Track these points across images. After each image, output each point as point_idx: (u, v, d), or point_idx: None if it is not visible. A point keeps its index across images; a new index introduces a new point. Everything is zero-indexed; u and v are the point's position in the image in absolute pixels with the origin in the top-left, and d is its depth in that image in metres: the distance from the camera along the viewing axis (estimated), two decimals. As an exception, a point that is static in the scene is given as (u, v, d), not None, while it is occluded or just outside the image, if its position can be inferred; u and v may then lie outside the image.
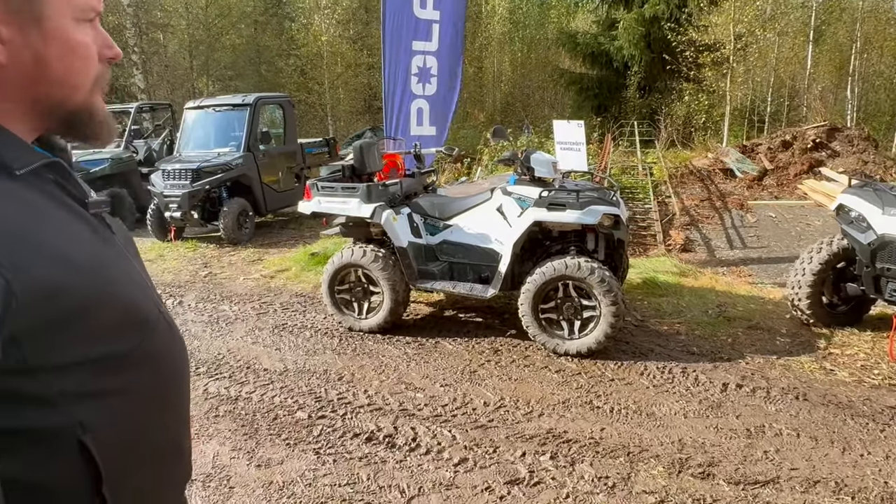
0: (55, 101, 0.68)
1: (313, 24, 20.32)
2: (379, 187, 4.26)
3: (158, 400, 0.77)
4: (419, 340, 4.21)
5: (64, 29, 0.66)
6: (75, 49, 0.68)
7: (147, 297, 0.76)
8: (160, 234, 7.97)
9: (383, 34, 5.87)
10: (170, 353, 0.80)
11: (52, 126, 0.72)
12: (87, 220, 0.71)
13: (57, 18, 0.65)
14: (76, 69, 0.68)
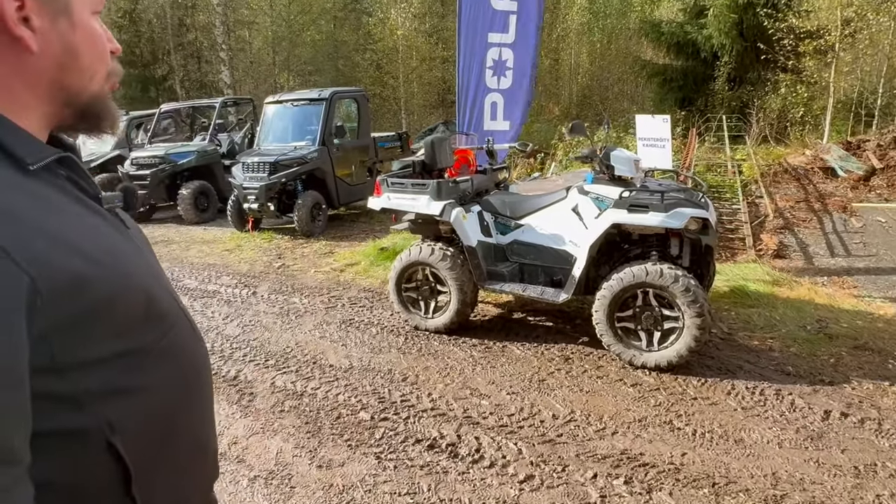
0: (76, 90, 0.70)
1: (390, 18, 20.52)
2: (449, 184, 4.14)
3: (182, 397, 0.77)
4: (486, 343, 4.07)
5: (87, 20, 0.69)
6: (97, 38, 0.71)
7: (166, 291, 0.77)
8: (239, 224, 8.27)
9: (459, 26, 5.74)
10: (190, 349, 0.80)
11: (67, 117, 0.72)
12: (103, 214, 0.72)
13: (81, 10, 0.69)
14: (98, 57, 0.71)
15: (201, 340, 0.86)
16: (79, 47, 0.68)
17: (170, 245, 7.86)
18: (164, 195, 9.43)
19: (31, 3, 0.63)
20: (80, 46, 0.68)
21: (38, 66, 0.66)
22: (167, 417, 0.73)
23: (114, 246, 0.69)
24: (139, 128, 11.33)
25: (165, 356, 0.73)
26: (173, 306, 0.78)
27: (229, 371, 3.79)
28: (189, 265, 6.67)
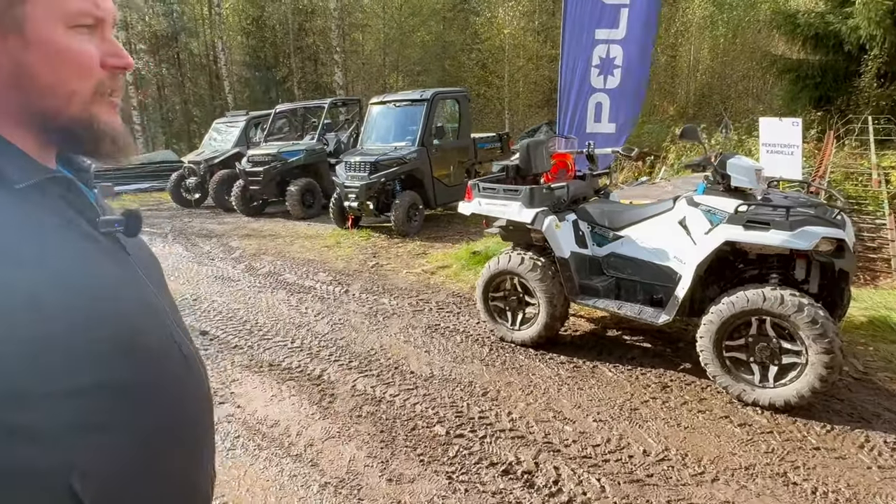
0: (49, 112, 0.65)
1: (497, 16, 20.37)
2: (543, 190, 3.93)
3: (164, 437, 0.70)
4: (575, 362, 3.81)
5: (49, 35, 0.63)
6: (64, 56, 0.64)
7: (157, 324, 0.72)
8: (340, 221, 8.54)
9: (564, 23, 5.48)
10: (181, 386, 0.74)
11: (52, 139, 0.68)
12: (95, 239, 0.68)
13: (41, 25, 0.62)
14: (66, 77, 0.65)
15: (198, 378, 0.79)
16: (35, 67, 0.63)
17: (276, 239, 8.28)
18: (275, 191, 9.96)
19: None
20: (37, 66, 0.63)
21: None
22: (143, 457, 0.66)
23: (96, 272, 0.65)
24: (257, 127, 12.09)
25: (145, 393, 0.66)
26: (163, 340, 0.71)
27: (314, 369, 3.85)
28: (291, 259, 6.97)
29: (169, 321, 0.74)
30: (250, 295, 5.59)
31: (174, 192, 11.81)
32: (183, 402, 0.74)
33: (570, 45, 5.45)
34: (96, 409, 0.60)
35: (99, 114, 0.69)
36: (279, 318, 4.88)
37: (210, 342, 4.41)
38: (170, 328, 0.74)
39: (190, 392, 0.76)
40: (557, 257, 3.82)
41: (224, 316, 4.99)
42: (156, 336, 0.70)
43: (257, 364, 3.99)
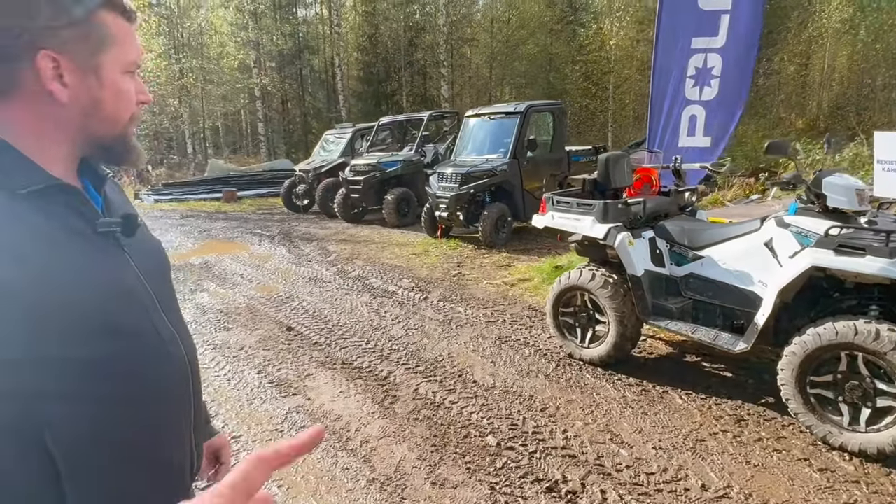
0: (100, 133, 0.85)
1: (604, 28, 19.90)
2: (618, 206, 3.82)
3: (131, 410, 0.80)
4: (644, 385, 3.65)
5: (115, 79, 0.84)
6: (122, 94, 0.85)
7: (134, 312, 0.83)
8: (431, 230, 8.78)
9: (657, 32, 5.28)
10: (152, 365, 0.84)
11: (93, 153, 0.87)
12: (88, 237, 0.80)
13: (111, 71, 0.83)
14: (121, 109, 0.85)
15: (175, 358, 0.89)
16: (104, 101, 0.82)
17: (369, 245, 8.68)
18: (374, 199, 10.44)
19: (66, 63, 0.78)
20: (106, 100, 0.83)
21: (67, 113, 0.81)
22: (109, 427, 0.77)
23: (76, 264, 0.76)
24: (363, 138, 12.75)
25: (111, 369, 0.77)
26: (139, 324, 0.83)
27: (382, 371, 4.01)
28: (380, 265, 7.28)
29: (149, 307, 0.86)
30: (337, 296, 5.92)
31: (286, 198, 12.76)
32: (155, 380, 0.85)
33: (663, 55, 5.24)
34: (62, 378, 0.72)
35: (129, 134, 0.88)
36: (359, 320, 5.13)
37: (294, 337, 4.74)
38: (148, 313, 0.86)
39: (163, 371, 0.87)
40: (629, 275, 3.69)
41: (310, 314, 5.33)
42: (129, 319, 0.81)
43: (332, 361, 4.23)
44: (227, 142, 31.82)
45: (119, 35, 0.83)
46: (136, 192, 16.02)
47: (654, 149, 5.14)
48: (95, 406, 0.75)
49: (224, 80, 25.55)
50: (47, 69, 0.76)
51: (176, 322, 0.92)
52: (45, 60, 0.76)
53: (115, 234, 0.84)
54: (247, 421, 3.38)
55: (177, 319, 0.94)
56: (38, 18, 0.76)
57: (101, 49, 0.81)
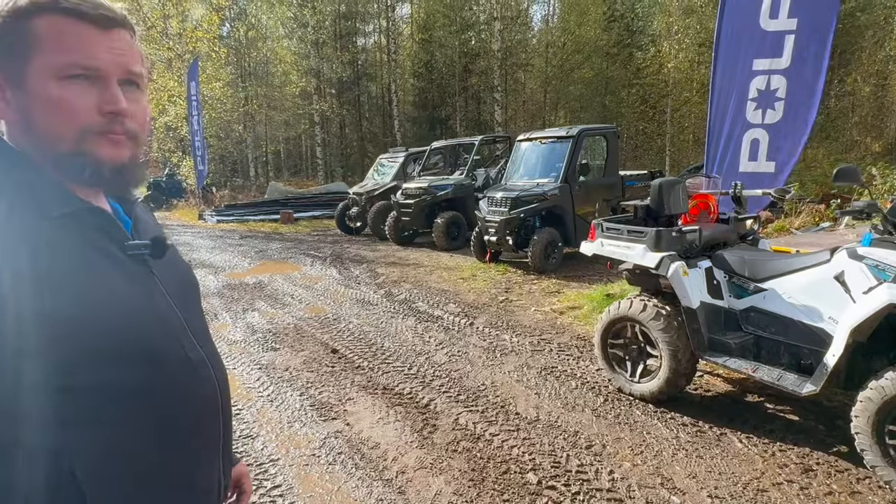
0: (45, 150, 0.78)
1: (663, 50, 19.51)
2: (672, 233, 3.63)
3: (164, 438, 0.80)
4: (699, 425, 3.41)
5: (44, 87, 0.75)
6: (54, 104, 0.75)
7: (165, 337, 0.82)
8: (479, 254, 8.71)
9: (716, 54, 5.08)
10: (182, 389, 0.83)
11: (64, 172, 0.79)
12: (119, 260, 0.80)
13: (37, 79, 0.75)
14: (56, 122, 0.76)
15: (205, 382, 0.88)
16: (34, 114, 0.76)
17: (418, 268, 8.68)
18: (424, 222, 10.49)
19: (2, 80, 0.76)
20: (34, 113, 0.75)
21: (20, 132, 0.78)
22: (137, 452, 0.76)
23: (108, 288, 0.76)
24: (415, 162, 12.91)
25: (149, 396, 0.77)
26: (172, 351, 0.82)
27: (423, 398, 3.94)
28: (427, 289, 7.25)
29: (179, 331, 0.85)
30: (383, 319, 5.91)
31: (339, 220, 13.03)
32: (185, 406, 0.83)
33: (722, 78, 5.02)
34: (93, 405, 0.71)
35: (93, 150, 0.78)
36: (403, 344, 5.09)
37: (338, 360, 4.74)
38: (179, 337, 0.85)
39: (193, 396, 0.85)
40: (684, 307, 3.49)
41: (356, 337, 5.34)
42: (160, 345, 0.80)
43: (373, 386, 4.19)
44: (288, 165, 33.05)
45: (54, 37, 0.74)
46: (200, 213, 16.80)
47: (712, 174, 4.91)
48: (124, 432, 0.74)
49: (286, 107, 26.67)
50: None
51: (206, 345, 0.92)
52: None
53: (144, 256, 0.84)
54: (286, 444, 3.37)
55: (206, 343, 0.93)
56: None
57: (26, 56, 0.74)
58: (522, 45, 23.90)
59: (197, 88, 17.63)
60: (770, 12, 4.80)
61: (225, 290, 7.46)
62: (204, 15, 19.84)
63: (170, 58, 19.86)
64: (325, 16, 25.60)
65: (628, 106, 21.34)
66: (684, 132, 19.48)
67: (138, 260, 0.83)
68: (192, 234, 13.44)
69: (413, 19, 29.99)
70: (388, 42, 27.30)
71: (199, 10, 19.92)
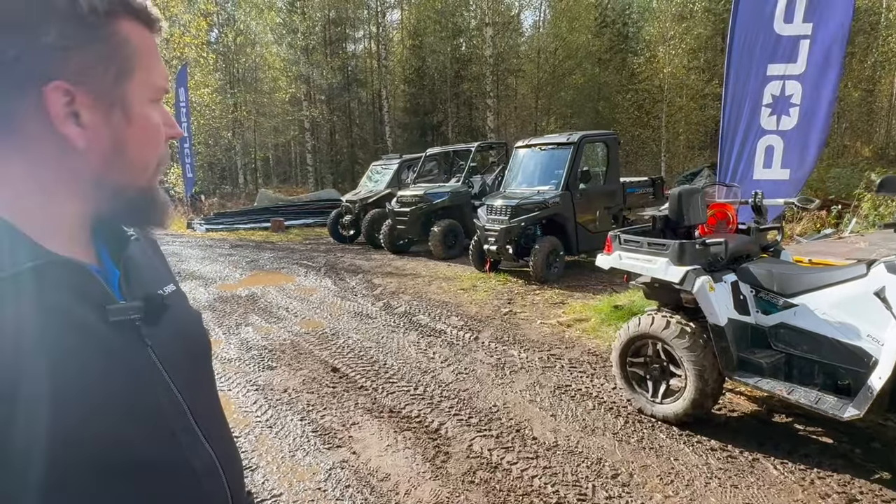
0: (123, 184, 0.63)
1: (657, 56, 19.51)
2: (696, 246, 3.44)
3: None
4: (730, 450, 3.21)
5: (143, 112, 0.63)
6: (152, 130, 0.65)
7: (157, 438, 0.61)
8: (478, 264, 8.50)
9: (729, 59, 4.92)
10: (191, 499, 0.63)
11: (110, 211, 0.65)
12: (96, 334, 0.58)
13: (139, 101, 0.62)
14: (149, 151, 0.65)
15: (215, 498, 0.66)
16: (130, 143, 0.62)
17: (416, 278, 8.46)
18: (420, 231, 10.26)
19: (83, 97, 0.58)
20: (132, 141, 0.63)
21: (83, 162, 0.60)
22: None
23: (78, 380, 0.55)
24: (409, 169, 12.69)
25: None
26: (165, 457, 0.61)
27: (433, 422, 3.71)
28: (426, 300, 7.03)
29: (178, 427, 0.63)
30: (383, 334, 5.67)
31: (332, 228, 12.76)
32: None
33: (735, 83, 4.87)
34: None
35: (156, 184, 0.68)
36: (406, 361, 4.86)
37: (339, 380, 4.50)
38: (176, 435, 0.63)
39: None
40: (711, 324, 3.30)
41: (356, 354, 5.10)
42: (150, 451, 0.60)
43: (379, 408, 3.95)
44: (277, 172, 32.70)
45: (145, 53, 0.63)
46: (188, 222, 16.45)
47: (727, 182, 4.75)
48: None
49: (275, 113, 26.37)
50: (58, 106, 0.56)
51: (217, 441, 0.68)
52: (56, 94, 0.56)
53: (133, 322, 0.63)
54: (288, 476, 3.12)
55: (218, 435, 0.70)
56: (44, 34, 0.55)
57: (126, 73, 0.61)
58: (514, 51, 23.83)
59: (186, 94, 17.31)
60: (784, 16, 4.66)
61: (217, 303, 7.18)
62: (192, 20, 19.53)
63: (157, 63, 19.48)
64: (314, 21, 25.39)
65: (623, 111, 21.29)
66: (678, 138, 19.46)
67: (125, 328, 0.62)
68: (180, 244, 13.10)
69: (403, 25, 29.86)
70: (379, 48, 27.14)
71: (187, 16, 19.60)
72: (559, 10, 24.28)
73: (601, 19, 24.14)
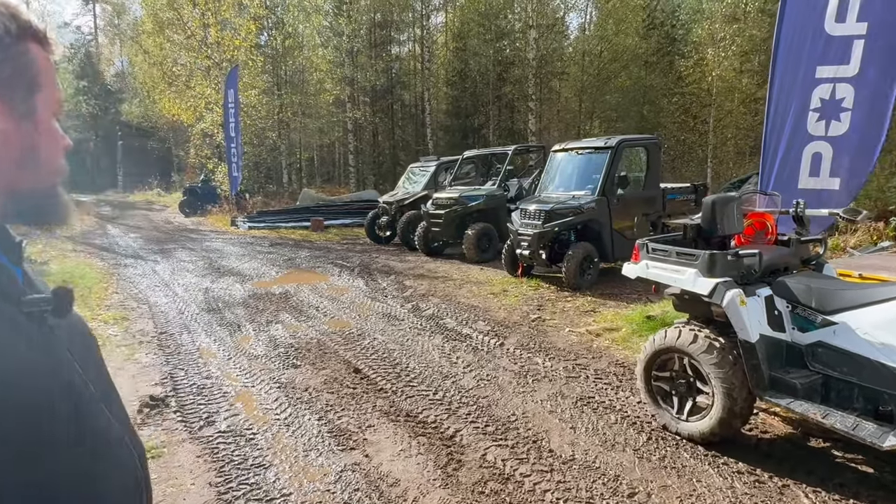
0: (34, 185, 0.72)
1: (706, 58, 18.88)
2: (727, 257, 3.27)
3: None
4: (757, 474, 3.03)
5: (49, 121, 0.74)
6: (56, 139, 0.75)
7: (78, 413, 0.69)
8: (511, 268, 8.39)
9: (774, 60, 4.68)
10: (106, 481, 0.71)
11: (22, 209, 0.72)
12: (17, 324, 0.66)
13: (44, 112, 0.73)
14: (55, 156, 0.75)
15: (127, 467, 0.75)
16: (39, 147, 0.72)
17: (447, 281, 8.42)
18: (454, 233, 10.23)
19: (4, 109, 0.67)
20: (41, 146, 0.72)
21: None
22: None
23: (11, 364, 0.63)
24: (446, 171, 12.68)
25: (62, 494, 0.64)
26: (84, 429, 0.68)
27: (448, 428, 3.65)
28: (455, 304, 6.98)
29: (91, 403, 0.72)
30: (409, 337, 5.66)
31: (368, 229, 12.88)
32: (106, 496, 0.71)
33: (780, 86, 4.62)
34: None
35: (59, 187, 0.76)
36: (429, 365, 4.82)
37: (360, 381, 4.50)
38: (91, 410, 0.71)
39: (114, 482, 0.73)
40: (741, 340, 3.12)
41: (379, 356, 5.09)
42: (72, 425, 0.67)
43: (396, 412, 3.93)
44: (321, 172, 33.32)
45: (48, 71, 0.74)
46: (232, 219, 16.92)
47: (767, 190, 4.51)
48: None
49: (320, 114, 26.86)
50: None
51: (119, 416, 0.77)
52: None
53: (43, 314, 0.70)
54: (299, 476, 3.13)
55: (119, 413, 0.79)
56: None
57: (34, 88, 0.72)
58: (557, 54, 23.52)
59: (236, 96, 17.82)
60: (837, 15, 4.39)
61: (250, 299, 7.34)
62: (242, 24, 20.11)
63: (208, 66, 20.17)
64: (360, 25, 25.75)
65: (668, 115, 20.70)
66: (728, 144, 18.76)
67: (37, 319, 0.69)
68: (222, 241, 13.50)
69: (447, 28, 29.93)
70: (422, 51, 27.29)
71: (238, 20, 20.20)
72: (606, 11, 23.83)
73: (649, 21, 23.56)
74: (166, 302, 7.26)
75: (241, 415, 3.92)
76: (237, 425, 3.76)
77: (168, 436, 3.64)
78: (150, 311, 6.80)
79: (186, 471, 3.21)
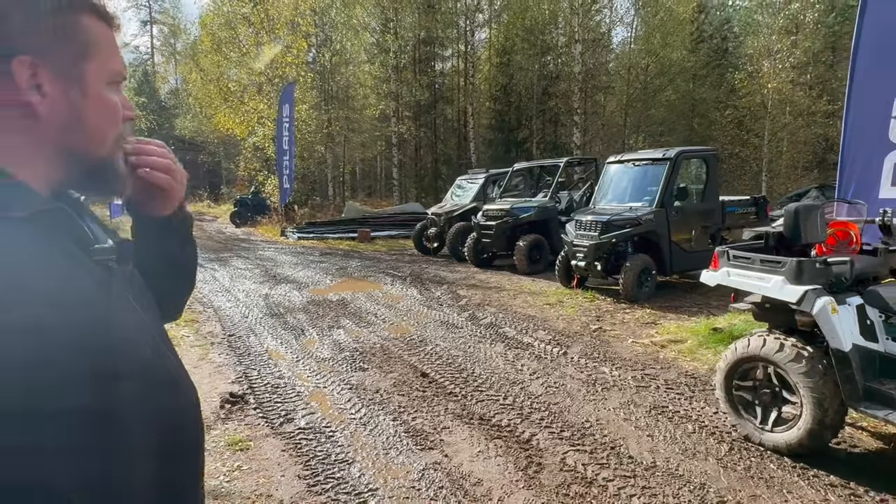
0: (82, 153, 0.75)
1: (761, 70, 18.48)
2: (816, 264, 3.22)
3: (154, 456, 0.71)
4: (852, 488, 2.94)
5: (100, 91, 0.75)
6: (108, 108, 0.77)
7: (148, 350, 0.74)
8: (565, 280, 8.37)
9: (853, 64, 4.58)
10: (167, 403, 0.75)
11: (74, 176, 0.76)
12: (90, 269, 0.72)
13: (95, 80, 0.75)
14: (105, 125, 0.77)
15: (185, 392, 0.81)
16: (87, 114, 0.74)
17: (500, 292, 8.44)
18: (505, 245, 10.27)
19: (44, 72, 0.69)
20: (88, 113, 0.74)
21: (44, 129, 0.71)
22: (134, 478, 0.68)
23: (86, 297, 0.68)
24: (495, 184, 12.76)
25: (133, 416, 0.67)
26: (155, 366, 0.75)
27: (524, 432, 3.67)
28: (512, 313, 6.99)
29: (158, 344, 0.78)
30: (470, 344, 5.70)
31: (416, 240, 13.04)
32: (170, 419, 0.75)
33: (860, 91, 4.52)
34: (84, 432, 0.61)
35: (116, 157, 0.80)
36: (494, 371, 4.85)
37: (429, 384, 4.56)
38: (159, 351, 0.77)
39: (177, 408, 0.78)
40: (833, 349, 3.05)
41: (444, 361, 5.15)
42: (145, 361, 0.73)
43: (468, 415, 3.97)
44: (363, 185, 33.91)
45: (103, 42, 0.77)
46: (282, 230, 17.38)
47: (853, 199, 4.40)
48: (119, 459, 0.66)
49: (365, 129, 27.42)
50: (23, 77, 0.68)
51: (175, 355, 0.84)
52: (21, 67, 0.67)
53: (109, 262, 0.76)
54: (383, 473, 3.20)
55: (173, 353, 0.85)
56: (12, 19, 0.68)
57: (84, 57, 0.74)
58: (603, 68, 23.44)
59: (291, 111, 18.39)
60: (920, 21, 4.29)
61: (310, 305, 7.52)
62: (293, 41, 20.79)
63: (260, 82, 20.90)
64: (405, 41, 26.26)
65: (720, 129, 20.30)
66: (783, 157, 18.25)
67: (105, 266, 0.75)
68: (274, 250, 13.87)
69: (491, 43, 30.22)
70: (466, 66, 27.61)
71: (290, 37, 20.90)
72: (652, 25, 23.64)
73: (697, 34, 23.26)
74: (230, 306, 7.51)
75: (317, 413, 4.03)
76: (316, 423, 3.86)
77: (251, 430, 3.77)
78: (216, 315, 7.05)
79: (274, 463, 3.33)
